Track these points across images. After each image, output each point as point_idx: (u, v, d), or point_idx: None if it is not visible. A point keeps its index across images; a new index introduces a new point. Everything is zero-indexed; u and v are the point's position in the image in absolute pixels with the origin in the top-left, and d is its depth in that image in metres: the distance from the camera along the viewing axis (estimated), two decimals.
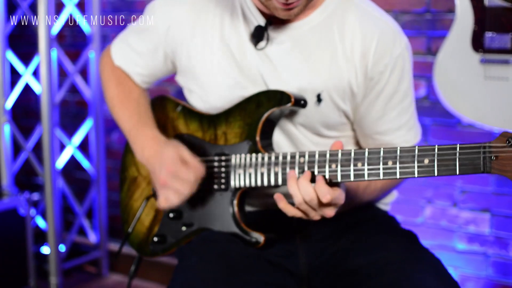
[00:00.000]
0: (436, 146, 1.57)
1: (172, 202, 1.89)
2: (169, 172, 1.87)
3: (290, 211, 1.76)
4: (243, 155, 1.89)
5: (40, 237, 3.94)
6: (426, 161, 1.58)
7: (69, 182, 4.20)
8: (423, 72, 3.13)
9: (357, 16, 1.93)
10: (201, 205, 1.97)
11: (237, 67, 1.96)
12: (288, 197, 2.00)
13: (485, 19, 2.68)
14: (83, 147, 4.09)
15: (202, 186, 1.95)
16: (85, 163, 4.02)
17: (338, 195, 1.70)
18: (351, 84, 1.92)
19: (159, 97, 2.20)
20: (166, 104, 2.15)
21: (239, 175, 1.89)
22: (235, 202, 1.91)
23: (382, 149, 1.64)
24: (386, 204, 2.14)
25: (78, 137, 4.01)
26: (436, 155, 1.56)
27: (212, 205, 1.95)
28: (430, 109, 3.15)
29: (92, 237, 4.07)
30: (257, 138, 1.89)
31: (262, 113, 1.90)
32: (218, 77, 1.98)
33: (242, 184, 1.89)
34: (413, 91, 2.02)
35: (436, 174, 1.57)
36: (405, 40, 1.97)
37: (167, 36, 2.05)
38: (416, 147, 1.61)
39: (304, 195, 1.70)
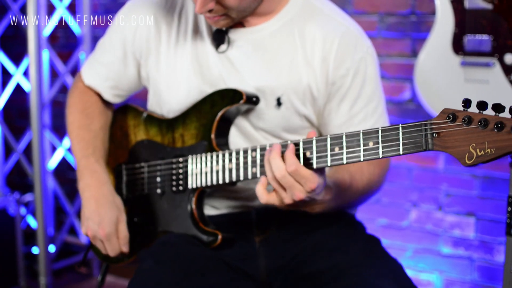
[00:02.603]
0: (380, 128, 1.56)
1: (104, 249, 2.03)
2: (103, 234, 1.97)
3: (264, 197, 1.71)
4: (199, 155, 1.90)
5: (33, 237, 3.95)
6: (371, 143, 1.57)
7: (62, 182, 4.22)
8: (408, 74, 3.11)
9: (318, 21, 1.92)
10: (163, 208, 1.98)
11: (199, 70, 1.97)
12: (248, 200, 2.01)
13: (465, 21, 2.66)
14: None
15: (162, 189, 1.96)
16: None
17: (311, 176, 1.63)
18: (311, 88, 1.91)
19: (122, 106, 2.20)
20: (128, 112, 2.15)
21: (196, 175, 1.90)
22: (193, 202, 1.92)
23: (328, 136, 1.64)
24: (353, 208, 2.12)
25: None
26: (380, 137, 1.55)
27: (172, 208, 1.95)
28: (415, 112, 3.13)
29: (83, 237, 4.07)
30: (212, 137, 1.90)
31: (216, 112, 1.90)
32: (181, 81, 1.99)
33: (199, 184, 1.89)
34: (380, 95, 2.00)
35: (381, 155, 1.56)
36: (368, 44, 1.95)
37: (134, 40, 2.05)
38: (361, 130, 1.59)
39: (274, 171, 1.64)
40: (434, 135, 1.48)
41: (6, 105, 4.06)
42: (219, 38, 1.93)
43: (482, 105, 1.42)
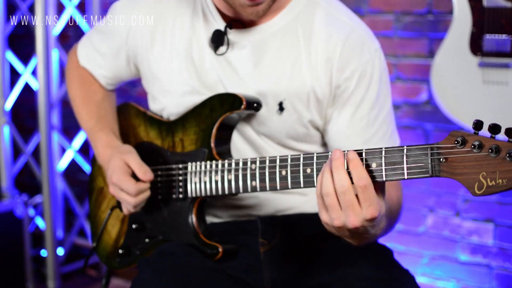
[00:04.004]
0: (383, 148, 1.45)
1: (128, 210, 1.88)
2: (113, 184, 1.85)
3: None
4: (198, 163, 1.81)
5: (42, 239, 3.90)
6: (374, 165, 1.45)
7: (72, 184, 4.16)
8: (424, 75, 3.01)
9: (322, 20, 1.81)
10: (163, 215, 1.89)
11: (195, 73, 1.87)
12: (253, 208, 1.92)
13: (483, 21, 2.55)
14: (85, 149, 4.05)
15: (162, 196, 1.88)
16: (86, 166, 3.98)
17: (376, 199, 1.42)
18: (315, 91, 1.80)
19: (122, 105, 2.14)
20: (129, 112, 2.08)
21: (195, 183, 1.81)
22: (193, 212, 1.83)
23: (330, 153, 1.52)
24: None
25: (79, 140, 3.97)
26: (383, 158, 1.44)
27: (172, 216, 1.87)
28: (432, 114, 3.03)
29: None
30: (212, 145, 1.81)
31: (216, 118, 1.81)
32: (176, 83, 1.90)
33: (198, 193, 1.80)
34: (387, 101, 1.86)
35: (384, 178, 1.44)
36: (376, 46, 1.83)
37: (127, 39, 1.97)
38: (364, 150, 1.46)
39: (336, 183, 1.41)
40: (441, 160, 1.37)
41: (16, 105, 4.01)
42: (217, 40, 1.83)
43: (494, 129, 1.31)
